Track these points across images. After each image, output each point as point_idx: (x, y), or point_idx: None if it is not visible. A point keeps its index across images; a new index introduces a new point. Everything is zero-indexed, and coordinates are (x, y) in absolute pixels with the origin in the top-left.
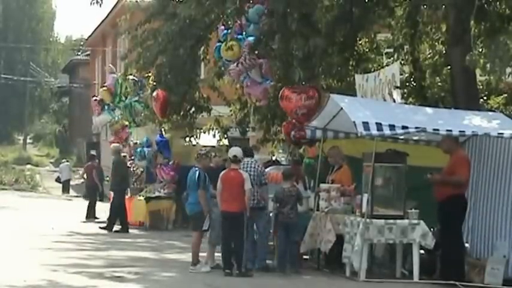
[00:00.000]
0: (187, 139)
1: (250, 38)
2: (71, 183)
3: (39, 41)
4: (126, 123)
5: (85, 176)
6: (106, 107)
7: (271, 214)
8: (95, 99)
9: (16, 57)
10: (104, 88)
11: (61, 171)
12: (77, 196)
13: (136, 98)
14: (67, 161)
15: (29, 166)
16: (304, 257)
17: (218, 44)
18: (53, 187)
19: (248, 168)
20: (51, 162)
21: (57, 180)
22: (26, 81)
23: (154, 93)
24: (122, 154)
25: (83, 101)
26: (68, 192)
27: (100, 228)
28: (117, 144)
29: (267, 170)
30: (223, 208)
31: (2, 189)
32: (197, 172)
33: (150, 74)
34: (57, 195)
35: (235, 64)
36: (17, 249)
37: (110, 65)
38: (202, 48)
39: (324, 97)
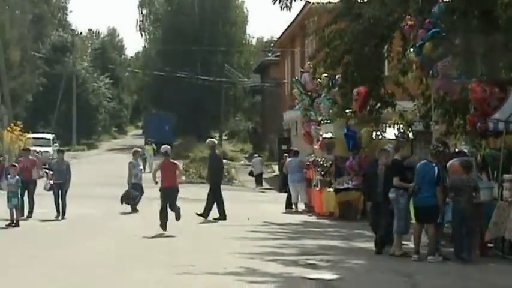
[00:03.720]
0: (376, 133)
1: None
2: (264, 176)
3: (232, 43)
4: (319, 118)
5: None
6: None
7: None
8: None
9: (211, 59)
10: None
11: (254, 166)
12: (269, 189)
13: (325, 95)
14: (259, 156)
15: (224, 161)
16: (489, 245)
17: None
18: (247, 180)
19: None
20: (245, 157)
21: (251, 174)
22: (221, 82)
23: (355, 90)
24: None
25: (274, 99)
26: (261, 185)
27: (197, 214)
28: (213, 140)
29: (451, 161)
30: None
31: (201, 183)
32: (435, 167)
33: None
34: (251, 188)
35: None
36: (216, 238)
37: (309, 63)
38: (386, 47)
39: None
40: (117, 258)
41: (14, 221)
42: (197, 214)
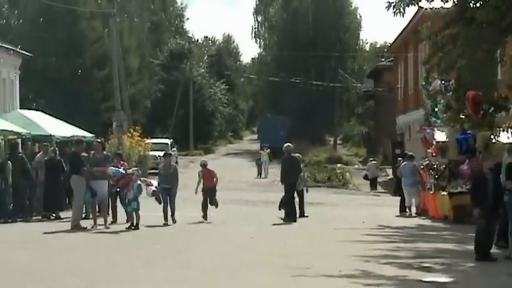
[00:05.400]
0: (490, 137)
1: None
2: (378, 180)
3: (346, 49)
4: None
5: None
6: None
7: None
8: None
9: (325, 65)
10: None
11: (369, 170)
12: (383, 192)
13: (440, 99)
14: (374, 160)
15: (339, 165)
16: None
17: None
18: (361, 184)
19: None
20: (359, 161)
21: (365, 177)
22: (335, 87)
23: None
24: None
25: (387, 104)
26: (376, 188)
27: (281, 218)
28: (289, 144)
29: None
30: None
31: (316, 186)
32: None
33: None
34: (366, 191)
35: None
36: (331, 241)
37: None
38: (498, 51)
39: None
40: (233, 260)
41: (134, 224)
42: (281, 218)
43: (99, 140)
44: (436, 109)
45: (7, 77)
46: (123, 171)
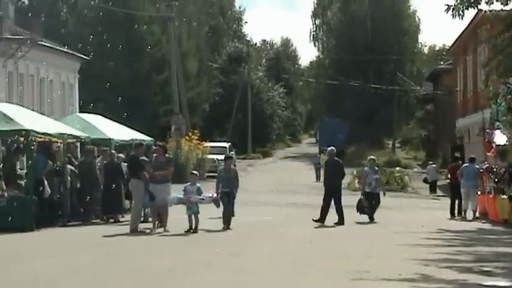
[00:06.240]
0: None
1: None
2: (438, 183)
3: (405, 52)
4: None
5: (449, 176)
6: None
7: None
8: None
9: (384, 68)
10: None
11: (428, 173)
12: (443, 196)
13: (501, 102)
14: (433, 163)
15: (398, 168)
16: None
17: None
18: (420, 187)
19: None
20: (418, 165)
21: (425, 181)
22: (393, 90)
23: None
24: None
25: (447, 107)
26: (435, 192)
27: (313, 220)
28: (333, 148)
29: None
30: None
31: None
32: None
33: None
34: (425, 195)
35: None
36: (390, 244)
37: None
38: None
39: None
40: (291, 264)
41: (193, 228)
42: (313, 220)
43: (160, 143)
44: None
45: (66, 81)
46: (203, 198)
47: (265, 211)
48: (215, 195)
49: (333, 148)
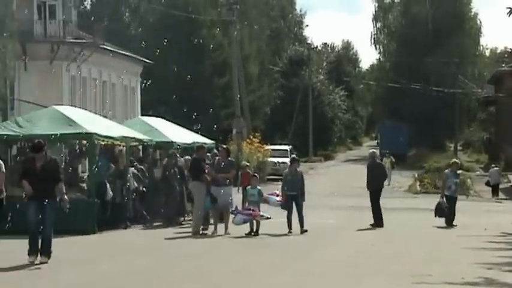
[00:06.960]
0: None
1: None
2: (500, 186)
3: (466, 55)
4: None
5: None
6: None
7: None
8: None
9: (445, 71)
10: None
11: (491, 176)
12: (505, 199)
13: None
14: (496, 166)
15: (460, 171)
16: None
17: None
18: (482, 191)
19: None
20: (480, 168)
21: (487, 184)
22: (455, 93)
23: None
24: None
25: (509, 110)
26: (498, 195)
27: (370, 225)
28: (374, 150)
29: None
30: None
31: (436, 193)
32: None
33: None
34: (487, 198)
35: None
36: (453, 248)
37: None
38: None
39: None
40: (354, 266)
41: (254, 231)
42: (370, 225)
43: (224, 146)
44: None
45: (129, 84)
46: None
47: (328, 214)
48: (279, 198)
49: (374, 150)
